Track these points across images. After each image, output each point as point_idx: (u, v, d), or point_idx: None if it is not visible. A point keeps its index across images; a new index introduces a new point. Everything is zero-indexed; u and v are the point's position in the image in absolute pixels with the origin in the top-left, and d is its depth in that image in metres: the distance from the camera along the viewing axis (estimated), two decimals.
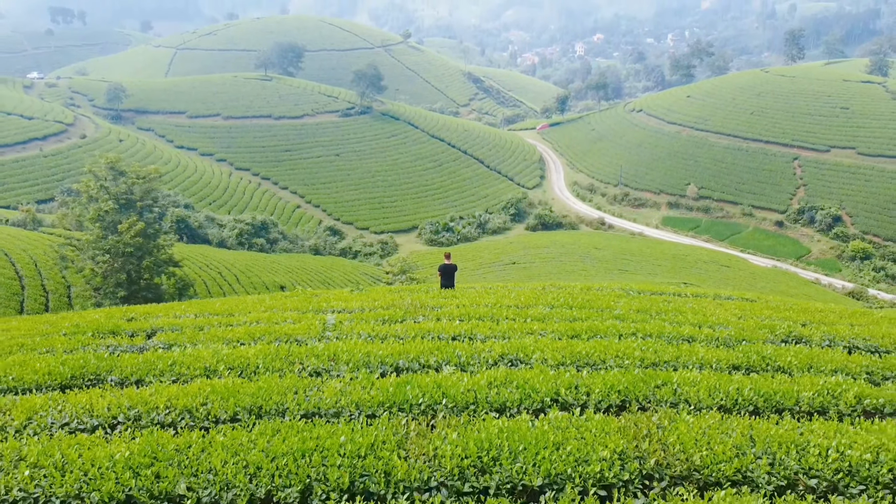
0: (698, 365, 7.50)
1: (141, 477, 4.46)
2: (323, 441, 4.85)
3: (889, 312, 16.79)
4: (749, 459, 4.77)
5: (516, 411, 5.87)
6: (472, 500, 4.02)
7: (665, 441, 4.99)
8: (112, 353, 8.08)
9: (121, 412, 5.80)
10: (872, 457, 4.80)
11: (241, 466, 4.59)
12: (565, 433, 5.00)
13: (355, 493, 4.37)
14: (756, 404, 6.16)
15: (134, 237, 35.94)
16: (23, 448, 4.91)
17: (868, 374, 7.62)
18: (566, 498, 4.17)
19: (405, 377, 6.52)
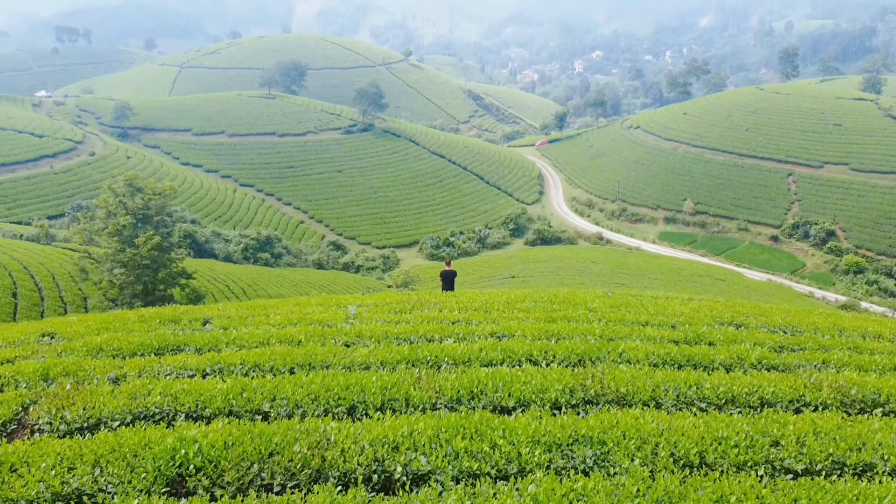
0: (644, 338, 9.46)
1: (238, 399, 6.41)
2: (360, 380, 6.81)
3: (838, 312, 18.63)
4: (660, 391, 6.75)
5: (499, 365, 7.84)
6: (465, 413, 5.93)
7: (603, 381, 6.96)
8: (183, 333, 10.02)
9: (208, 366, 7.75)
10: (749, 391, 6.78)
11: (306, 394, 6.53)
12: (533, 377, 6.98)
13: (384, 409, 6.31)
14: (680, 363, 8.13)
15: (150, 250, 37.91)
16: (148, 385, 6.86)
17: (777, 346, 9.54)
18: (529, 413, 6.09)
19: (416, 345, 8.53)
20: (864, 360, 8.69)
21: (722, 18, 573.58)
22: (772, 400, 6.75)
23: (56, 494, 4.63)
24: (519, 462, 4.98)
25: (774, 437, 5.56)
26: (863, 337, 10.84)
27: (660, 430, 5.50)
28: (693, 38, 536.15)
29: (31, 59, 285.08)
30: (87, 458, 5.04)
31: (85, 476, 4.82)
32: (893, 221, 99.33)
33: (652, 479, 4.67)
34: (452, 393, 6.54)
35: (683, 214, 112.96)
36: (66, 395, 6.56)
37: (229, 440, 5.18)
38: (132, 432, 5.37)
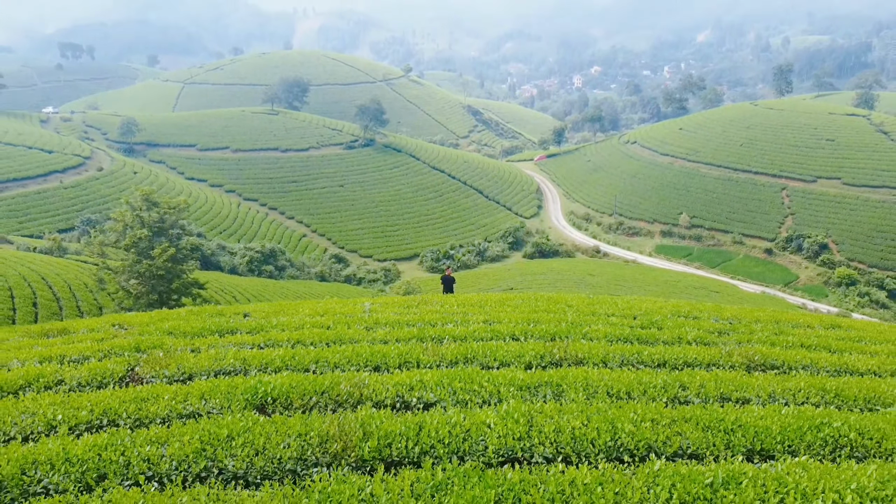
0: (607, 324, 11.56)
1: (291, 361, 8.53)
2: (382, 350, 8.95)
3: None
4: (609, 357, 8.87)
5: (488, 341, 9.94)
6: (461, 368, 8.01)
7: (567, 350, 9.07)
8: (232, 321, 12.11)
9: (261, 342, 9.86)
10: (678, 357, 8.93)
11: (341, 358, 8.64)
12: (514, 347, 9.11)
13: (401, 368, 8.41)
14: (631, 340, 10.24)
15: (165, 261, 40.02)
16: (221, 353, 8.96)
17: (716, 331, 11.62)
18: (508, 369, 8.20)
19: (423, 328, 10.66)
20: (778, 339, 10.79)
21: (719, 34, 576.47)
22: (693, 363, 8.85)
23: (179, 414, 6.69)
24: (498, 395, 7.05)
25: (684, 383, 7.63)
26: (792, 326, 12.92)
27: (602, 379, 7.58)
28: (691, 54, 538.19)
29: (35, 75, 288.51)
30: (194, 394, 7.11)
31: (196, 404, 6.88)
32: (884, 235, 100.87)
33: (589, 404, 6.72)
34: (452, 358, 8.65)
35: (679, 228, 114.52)
36: (160, 360, 8.61)
37: (293, 383, 7.23)
38: (221, 380, 7.45)
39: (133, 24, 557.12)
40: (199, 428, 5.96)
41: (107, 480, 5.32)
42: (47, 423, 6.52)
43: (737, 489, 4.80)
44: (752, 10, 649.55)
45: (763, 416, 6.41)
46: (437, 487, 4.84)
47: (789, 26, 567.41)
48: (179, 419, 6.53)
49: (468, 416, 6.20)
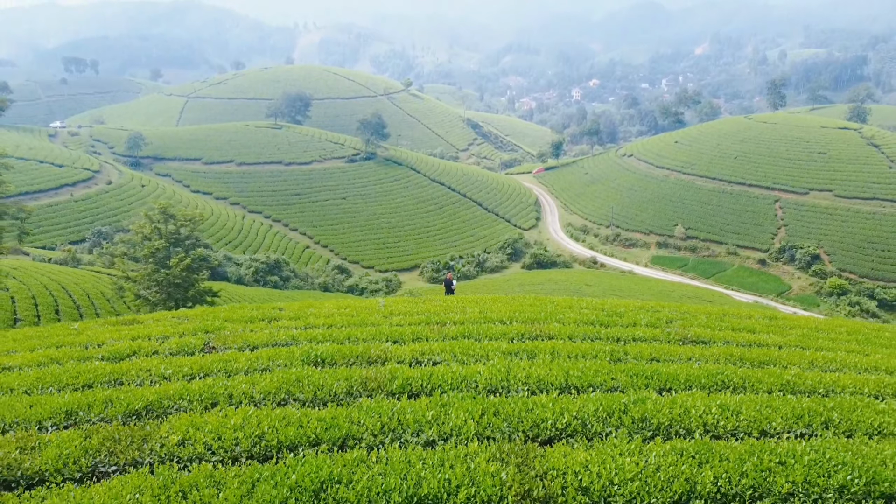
0: (579, 313, 14.11)
1: (339, 337, 11.06)
2: (398, 329, 11.44)
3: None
4: (575, 334, 11.40)
5: (482, 324, 12.46)
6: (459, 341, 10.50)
7: (542, 330, 11.61)
8: (271, 312, 14.61)
9: (302, 326, 12.37)
10: (629, 335, 11.47)
11: (368, 335, 11.14)
12: (501, 328, 11.64)
13: (414, 342, 10.91)
14: (595, 323, 12.77)
15: (182, 271, 42.52)
16: (274, 332, 11.49)
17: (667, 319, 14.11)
18: (496, 342, 10.71)
19: (429, 316, 13.20)
20: (714, 324, 13.31)
21: (717, 47, 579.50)
22: (639, 339, 11.36)
23: (256, 369, 9.20)
24: (486, 357, 9.54)
25: (626, 350, 10.14)
26: (734, 317, 15.38)
27: (566, 348, 10.08)
28: (688, 67, 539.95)
29: (40, 89, 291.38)
30: (262, 358, 9.61)
31: (266, 363, 9.39)
32: (875, 245, 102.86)
33: (552, 362, 9.20)
34: (453, 335, 11.16)
35: (675, 239, 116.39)
36: (228, 336, 11.09)
37: (335, 349, 9.73)
38: (280, 349, 9.96)
39: (134, 38, 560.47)
40: (274, 376, 8.43)
41: (218, 406, 7.79)
42: (160, 375, 8.99)
43: (643, 405, 7.28)
44: (750, 23, 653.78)
45: (676, 369, 8.87)
46: (443, 405, 7.32)
47: (786, 39, 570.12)
48: (257, 372, 8.98)
49: (464, 368, 8.66)
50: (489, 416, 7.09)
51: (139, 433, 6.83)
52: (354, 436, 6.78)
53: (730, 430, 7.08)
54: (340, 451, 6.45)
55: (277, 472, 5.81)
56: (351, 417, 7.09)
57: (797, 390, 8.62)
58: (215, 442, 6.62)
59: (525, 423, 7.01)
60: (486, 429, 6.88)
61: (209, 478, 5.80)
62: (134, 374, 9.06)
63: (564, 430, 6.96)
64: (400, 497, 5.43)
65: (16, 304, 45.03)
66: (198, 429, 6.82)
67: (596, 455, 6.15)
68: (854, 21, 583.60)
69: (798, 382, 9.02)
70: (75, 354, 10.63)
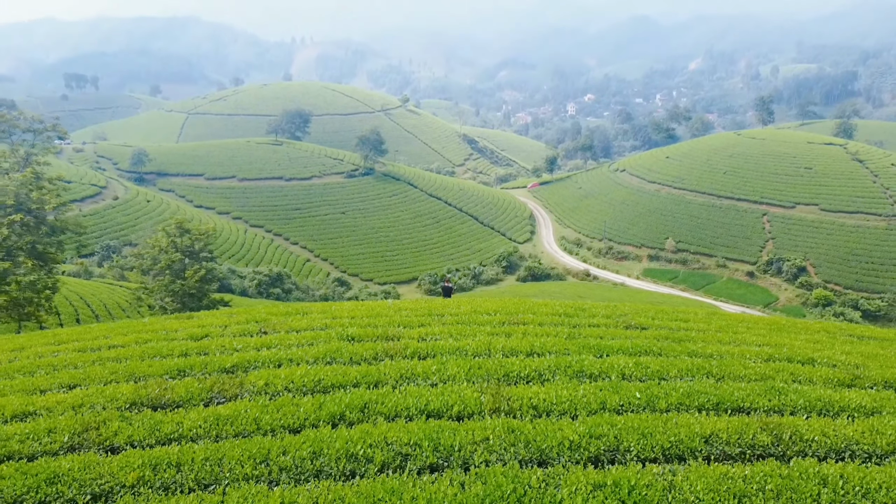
0: (550, 308, 17.34)
1: (362, 324, 14.21)
2: (406, 319, 14.60)
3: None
4: (544, 322, 14.59)
5: (473, 314, 15.66)
6: (455, 326, 13.65)
7: (518, 318, 14.79)
8: (301, 308, 17.76)
9: (330, 318, 15.51)
10: (586, 322, 14.71)
11: (385, 322, 14.33)
12: (486, 317, 14.84)
13: (420, 327, 14.06)
14: (561, 315, 16.00)
15: (196, 282, 45.64)
16: (310, 320, 14.67)
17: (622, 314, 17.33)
18: (482, 327, 13.89)
19: (432, 310, 16.44)
20: (658, 316, 16.51)
21: (710, 62, 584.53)
22: (594, 325, 14.56)
23: (303, 343, 12.40)
24: (474, 336, 12.72)
25: (581, 332, 13.32)
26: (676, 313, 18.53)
27: (535, 330, 13.28)
28: (682, 82, 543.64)
29: (41, 105, 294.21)
30: (307, 337, 12.76)
31: (311, 340, 12.58)
32: (859, 258, 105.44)
33: (523, 338, 12.43)
34: (450, 323, 14.34)
35: (666, 252, 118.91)
36: (275, 324, 14.24)
37: (361, 330, 12.88)
38: (319, 332, 13.14)
39: (133, 54, 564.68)
40: (319, 347, 11.55)
41: (283, 366, 10.96)
42: (233, 348, 12.13)
43: (582, 363, 10.51)
44: (743, 38, 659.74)
45: (612, 343, 12.03)
46: (442, 363, 10.45)
47: (779, 55, 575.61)
48: (305, 346, 12.09)
49: (458, 342, 11.78)
50: (474, 369, 10.20)
51: (235, 380, 9.93)
52: (382, 381, 9.88)
53: (638, 376, 10.16)
54: (374, 388, 9.57)
55: (335, 397, 8.93)
56: (379, 370, 10.20)
57: (696, 355, 11.72)
58: (289, 384, 9.73)
59: (499, 373, 10.12)
60: (472, 377, 9.98)
61: (290, 401, 8.91)
62: (214, 348, 12.13)
63: (526, 377, 10.07)
64: (415, 410, 8.54)
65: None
66: (274, 378, 9.94)
67: (544, 389, 9.28)
68: (846, 37, 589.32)
69: (699, 351, 12.06)
70: (161, 336, 13.68)
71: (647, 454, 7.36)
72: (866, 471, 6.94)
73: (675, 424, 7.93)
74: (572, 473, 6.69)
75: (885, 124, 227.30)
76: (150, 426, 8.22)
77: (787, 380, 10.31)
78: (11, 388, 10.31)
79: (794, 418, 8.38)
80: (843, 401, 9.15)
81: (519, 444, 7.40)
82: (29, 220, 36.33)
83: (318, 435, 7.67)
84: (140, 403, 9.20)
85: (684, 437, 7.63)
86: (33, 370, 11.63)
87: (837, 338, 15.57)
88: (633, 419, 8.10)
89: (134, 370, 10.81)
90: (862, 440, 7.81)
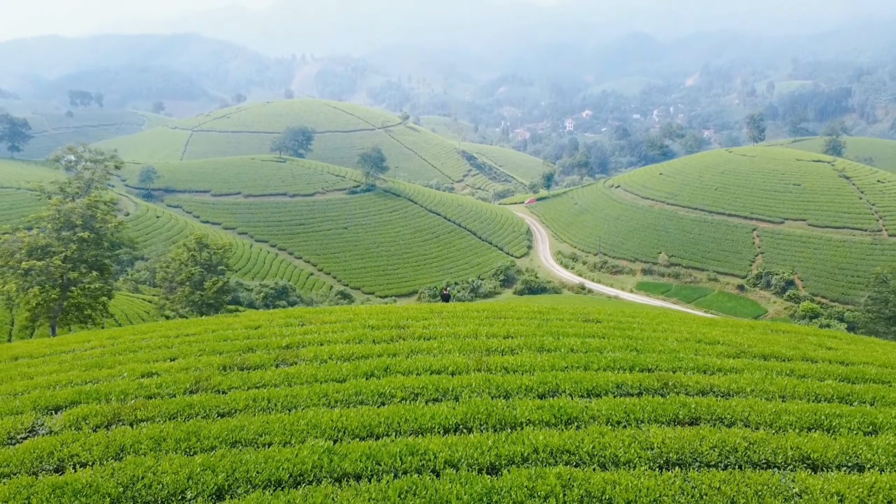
0: (528, 308, 21.20)
1: (380, 318, 18.06)
2: (413, 313, 18.48)
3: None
4: (522, 317, 18.45)
5: (465, 312, 19.51)
6: (452, 319, 17.42)
7: (501, 314, 18.60)
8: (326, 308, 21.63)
9: (352, 315, 19.36)
10: (558, 318, 18.60)
11: (398, 315, 18.15)
12: (476, 314, 18.71)
13: (424, 320, 17.87)
14: (537, 312, 19.83)
15: (215, 293, 49.50)
16: (338, 314, 18.53)
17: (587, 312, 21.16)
18: (473, 319, 17.71)
19: (433, 308, 20.32)
20: (615, 313, 20.38)
21: (707, 79, 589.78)
22: (559, 319, 18.46)
23: (336, 330, 16.22)
24: (465, 324, 16.53)
25: (547, 323, 17.17)
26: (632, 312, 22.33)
27: (513, 322, 17.12)
28: (679, 98, 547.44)
29: (46, 122, 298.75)
30: (338, 326, 16.58)
31: (341, 328, 16.37)
32: (845, 272, 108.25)
33: (503, 325, 16.22)
34: (448, 317, 18.20)
35: (659, 266, 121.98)
36: (311, 318, 18.09)
37: (380, 320, 16.73)
38: (346, 322, 16.98)
39: (135, 70, 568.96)
40: (347, 333, 15.41)
41: (324, 344, 14.77)
42: (282, 335, 16.03)
43: (543, 341, 14.36)
44: (740, 55, 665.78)
45: (570, 330, 15.90)
46: (441, 342, 14.30)
47: (775, 71, 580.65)
48: (338, 331, 15.90)
49: (453, 328, 15.63)
50: (464, 346, 14.01)
51: (292, 353, 13.74)
52: (398, 353, 13.68)
53: (582, 350, 13.93)
54: (392, 357, 13.39)
55: (366, 362, 12.76)
56: (394, 347, 14.03)
57: (630, 338, 15.49)
58: (331, 355, 13.56)
59: (482, 348, 13.95)
60: (463, 350, 13.77)
61: (335, 365, 12.75)
62: (269, 334, 15.93)
63: (501, 351, 13.87)
64: (422, 369, 12.34)
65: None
66: (320, 351, 13.74)
67: (513, 358, 13.10)
68: (841, 54, 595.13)
69: (634, 335, 15.83)
70: (224, 327, 17.51)
71: (576, 392, 11.18)
72: (725, 401, 10.79)
73: (599, 377, 11.77)
74: (524, 401, 10.54)
75: (876, 141, 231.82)
76: (243, 379, 12.07)
77: (689, 352, 14.13)
78: (129, 360, 14.13)
79: (681, 374, 12.18)
80: (723, 365, 13.01)
81: (492, 387, 11.24)
82: (93, 237, 41.35)
83: (357, 383, 11.53)
84: (229, 367, 13.02)
85: (602, 383, 11.45)
86: (135, 350, 15.41)
87: (756, 330, 19.36)
88: (571, 374, 11.92)
89: (215, 347, 14.60)
90: (722, 385, 11.67)
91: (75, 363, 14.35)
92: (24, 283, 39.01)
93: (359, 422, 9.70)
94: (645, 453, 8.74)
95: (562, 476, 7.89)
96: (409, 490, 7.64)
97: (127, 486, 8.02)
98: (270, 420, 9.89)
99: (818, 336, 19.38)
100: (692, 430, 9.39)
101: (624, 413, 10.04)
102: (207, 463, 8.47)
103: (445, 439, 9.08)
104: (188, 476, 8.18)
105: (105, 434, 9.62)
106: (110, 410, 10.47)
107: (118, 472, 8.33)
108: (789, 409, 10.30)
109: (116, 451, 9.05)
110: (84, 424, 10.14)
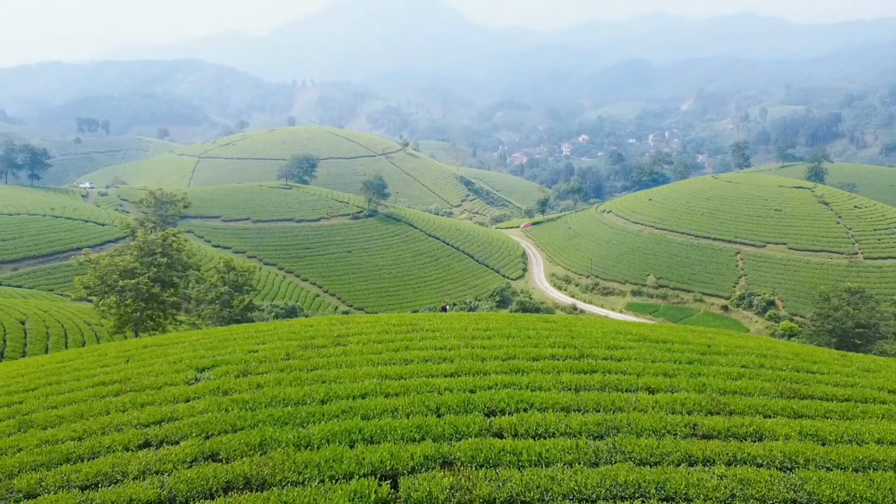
0: (508, 316, 27.84)
1: (396, 320, 24.82)
2: (421, 319, 25.19)
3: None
4: (501, 318, 25.21)
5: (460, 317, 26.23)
6: (451, 321, 24.07)
7: (484, 317, 25.36)
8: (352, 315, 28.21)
9: (378, 319, 26.02)
10: (537, 331, 25.41)
11: (413, 319, 24.84)
12: (468, 316, 25.48)
13: (429, 321, 24.56)
14: (510, 317, 26.58)
15: (242, 310, 56.23)
16: (363, 321, 25.27)
17: (550, 319, 27.79)
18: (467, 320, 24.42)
19: (437, 317, 27.05)
20: (570, 319, 26.97)
21: (701, 104, 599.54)
22: (525, 319, 25.16)
23: (368, 328, 22.97)
24: (460, 322, 23.27)
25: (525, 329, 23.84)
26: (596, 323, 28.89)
27: (493, 324, 23.85)
28: (674, 122, 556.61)
29: (55, 148, 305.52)
30: (366, 325, 23.28)
31: (370, 328, 23.09)
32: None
33: (485, 325, 22.91)
34: (448, 319, 24.91)
35: (648, 288, 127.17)
36: (350, 320, 24.75)
37: (399, 320, 23.39)
38: (373, 324, 23.72)
39: (138, 97, 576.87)
40: (376, 327, 22.12)
41: (361, 335, 21.48)
42: (331, 331, 22.77)
43: (525, 334, 21.14)
44: (734, 81, 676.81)
45: (534, 326, 22.57)
46: (443, 335, 20.99)
47: (768, 96, 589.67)
48: (368, 330, 22.59)
49: (451, 326, 22.32)
50: (457, 334, 20.71)
51: (343, 339, 20.46)
52: (413, 339, 20.37)
53: (535, 336, 20.73)
54: (410, 341, 20.08)
55: (393, 343, 19.52)
56: (410, 336, 20.72)
57: (572, 330, 22.22)
58: (370, 340, 20.32)
59: (469, 337, 20.56)
60: (457, 338, 20.43)
61: (373, 346, 19.52)
62: (322, 330, 22.53)
63: (482, 337, 20.56)
64: (430, 348, 19.04)
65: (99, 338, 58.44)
66: (361, 339, 20.48)
67: (490, 342, 19.83)
68: (833, 79, 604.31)
69: (575, 330, 22.50)
70: (284, 327, 24.30)
71: (526, 357, 17.88)
72: (617, 363, 17.57)
73: (542, 350, 18.55)
74: (493, 362, 17.33)
75: (858, 167, 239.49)
76: (317, 352, 18.82)
77: (608, 338, 20.87)
78: (232, 345, 20.80)
79: (595, 349, 18.95)
80: (626, 344, 19.82)
81: (475, 355, 18.01)
82: (169, 262, 50.15)
83: (389, 354, 18.31)
84: (306, 347, 19.74)
85: (543, 354, 18.19)
86: (231, 339, 22.05)
87: (673, 329, 26.12)
88: (525, 349, 18.69)
89: (289, 337, 21.27)
90: (619, 354, 18.49)
91: (195, 347, 20.99)
92: (121, 298, 48.03)
93: (394, 372, 16.43)
94: (559, 385, 15.51)
95: (512, 396, 14.68)
96: (426, 399, 14.38)
97: (270, 401, 14.75)
98: (341, 372, 16.61)
99: (705, 333, 26.03)
100: (589, 375, 16.13)
101: (552, 368, 16.76)
102: (311, 389, 15.21)
103: (445, 380, 15.80)
104: (303, 395, 14.89)
105: (244, 378, 16.37)
106: (241, 368, 17.18)
107: (260, 394, 15.07)
108: (652, 367, 17.08)
109: (256, 385, 15.79)
110: (228, 374, 16.89)
